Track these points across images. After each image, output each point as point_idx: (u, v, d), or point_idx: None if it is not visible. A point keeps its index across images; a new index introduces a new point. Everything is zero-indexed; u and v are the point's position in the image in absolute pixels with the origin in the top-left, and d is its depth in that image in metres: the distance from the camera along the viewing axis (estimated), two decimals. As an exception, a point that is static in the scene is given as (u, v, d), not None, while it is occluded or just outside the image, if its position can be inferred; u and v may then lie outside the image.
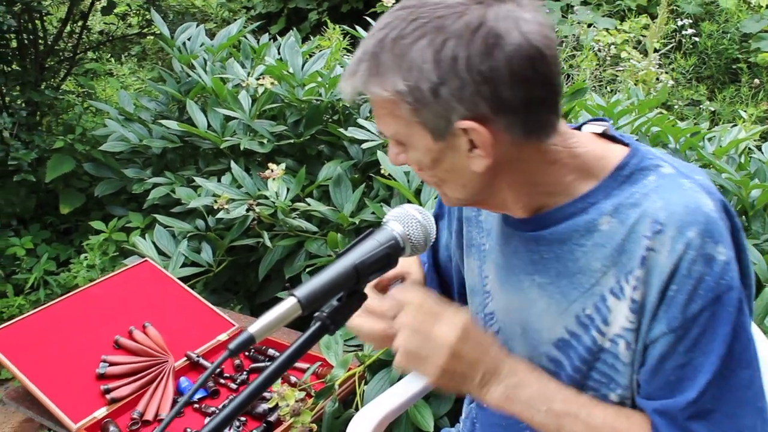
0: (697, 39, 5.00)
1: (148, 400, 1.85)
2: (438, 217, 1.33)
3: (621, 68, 4.56)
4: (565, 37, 5.00)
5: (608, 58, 4.53)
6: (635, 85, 3.86)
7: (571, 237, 1.02)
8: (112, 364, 1.93)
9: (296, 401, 1.51)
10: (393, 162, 1.04)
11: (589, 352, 1.03)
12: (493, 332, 1.18)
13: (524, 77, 0.89)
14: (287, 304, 0.77)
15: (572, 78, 4.27)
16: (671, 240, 0.92)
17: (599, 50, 4.68)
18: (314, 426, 1.52)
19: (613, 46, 4.50)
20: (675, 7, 5.30)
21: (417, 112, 0.92)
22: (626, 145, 1.04)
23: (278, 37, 3.53)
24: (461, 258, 1.27)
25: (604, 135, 1.07)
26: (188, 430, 1.76)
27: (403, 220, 0.89)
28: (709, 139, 2.58)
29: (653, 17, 5.28)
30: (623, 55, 4.74)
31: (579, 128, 1.09)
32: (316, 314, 0.82)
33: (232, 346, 0.73)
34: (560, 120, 0.98)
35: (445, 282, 1.41)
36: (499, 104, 0.90)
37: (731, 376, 0.94)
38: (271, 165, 2.30)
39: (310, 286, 0.78)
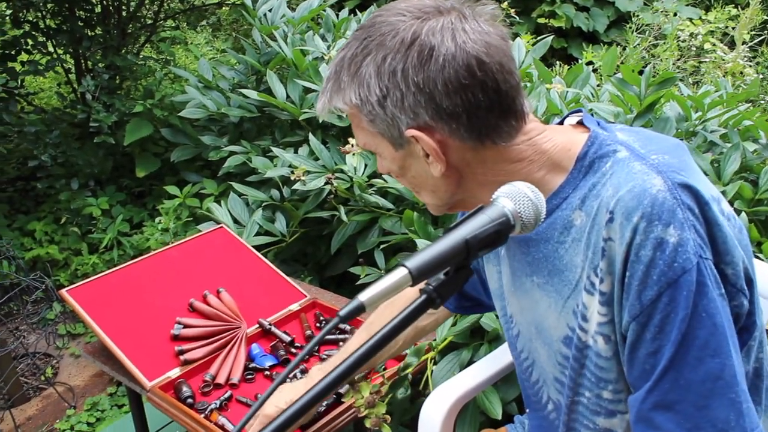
0: (791, 32, 4.80)
1: (221, 364, 1.87)
2: None
3: (704, 60, 4.41)
4: (647, 25, 4.86)
5: (693, 49, 4.38)
6: (723, 77, 3.72)
7: (552, 235, 1.04)
8: (186, 326, 1.96)
9: (371, 393, 1.50)
10: (380, 171, 1.12)
11: (577, 349, 1.04)
12: (514, 334, 1.23)
13: (461, 85, 0.94)
14: (398, 275, 0.76)
15: (655, 68, 4.14)
16: (620, 227, 0.92)
17: (683, 40, 4.54)
18: (388, 417, 1.51)
19: (699, 36, 4.35)
20: (767, -2, 5.10)
21: (373, 123, 1.00)
22: None
23: (358, 11, 3.51)
24: (483, 263, 1.32)
25: (581, 125, 1.07)
26: (259, 395, 1.78)
27: (514, 196, 0.87)
28: (804, 136, 2.47)
29: (741, 8, 5.08)
30: (706, 46, 4.58)
31: (562, 122, 1.12)
32: (422, 287, 0.81)
33: (342, 312, 0.72)
34: (524, 119, 1.01)
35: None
36: (439, 112, 0.96)
37: (698, 365, 0.90)
38: (351, 140, 2.30)
39: (420, 257, 0.77)
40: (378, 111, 0.98)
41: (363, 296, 0.74)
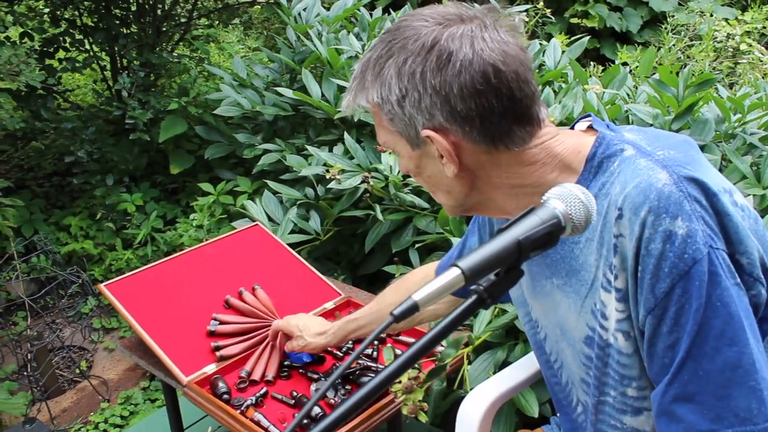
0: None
1: (256, 361, 1.89)
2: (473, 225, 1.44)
3: (741, 61, 4.35)
4: (682, 25, 4.81)
5: (731, 49, 4.33)
6: (763, 78, 3.67)
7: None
8: (222, 322, 1.98)
9: (409, 379, 1.51)
10: (400, 169, 1.17)
11: (599, 348, 1.05)
12: (542, 338, 1.25)
13: (476, 90, 0.97)
14: (451, 275, 0.77)
15: (691, 69, 4.09)
16: (629, 223, 0.94)
17: (719, 41, 4.48)
18: (425, 405, 1.52)
19: (737, 37, 4.29)
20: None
21: (393, 122, 1.05)
22: None
23: (391, 10, 3.51)
24: None
25: (591, 128, 1.09)
26: (294, 392, 1.79)
27: (565, 198, 0.87)
28: None
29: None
30: (743, 47, 4.51)
31: (573, 127, 1.14)
32: (473, 287, 0.81)
33: (396, 312, 0.73)
34: (539, 125, 1.04)
35: None
36: (453, 115, 0.99)
37: (715, 355, 0.91)
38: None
39: (473, 258, 0.78)
40: (397, 110, 1.02)
41: (417, 296, 0.75)
